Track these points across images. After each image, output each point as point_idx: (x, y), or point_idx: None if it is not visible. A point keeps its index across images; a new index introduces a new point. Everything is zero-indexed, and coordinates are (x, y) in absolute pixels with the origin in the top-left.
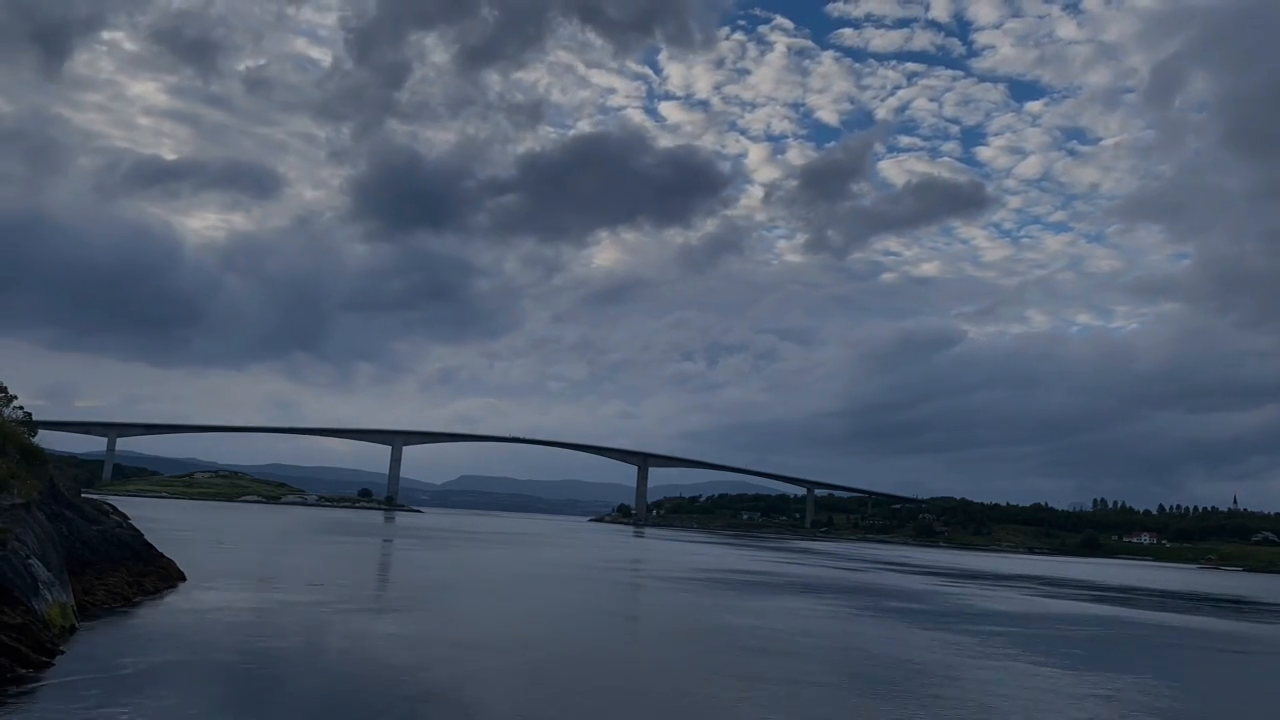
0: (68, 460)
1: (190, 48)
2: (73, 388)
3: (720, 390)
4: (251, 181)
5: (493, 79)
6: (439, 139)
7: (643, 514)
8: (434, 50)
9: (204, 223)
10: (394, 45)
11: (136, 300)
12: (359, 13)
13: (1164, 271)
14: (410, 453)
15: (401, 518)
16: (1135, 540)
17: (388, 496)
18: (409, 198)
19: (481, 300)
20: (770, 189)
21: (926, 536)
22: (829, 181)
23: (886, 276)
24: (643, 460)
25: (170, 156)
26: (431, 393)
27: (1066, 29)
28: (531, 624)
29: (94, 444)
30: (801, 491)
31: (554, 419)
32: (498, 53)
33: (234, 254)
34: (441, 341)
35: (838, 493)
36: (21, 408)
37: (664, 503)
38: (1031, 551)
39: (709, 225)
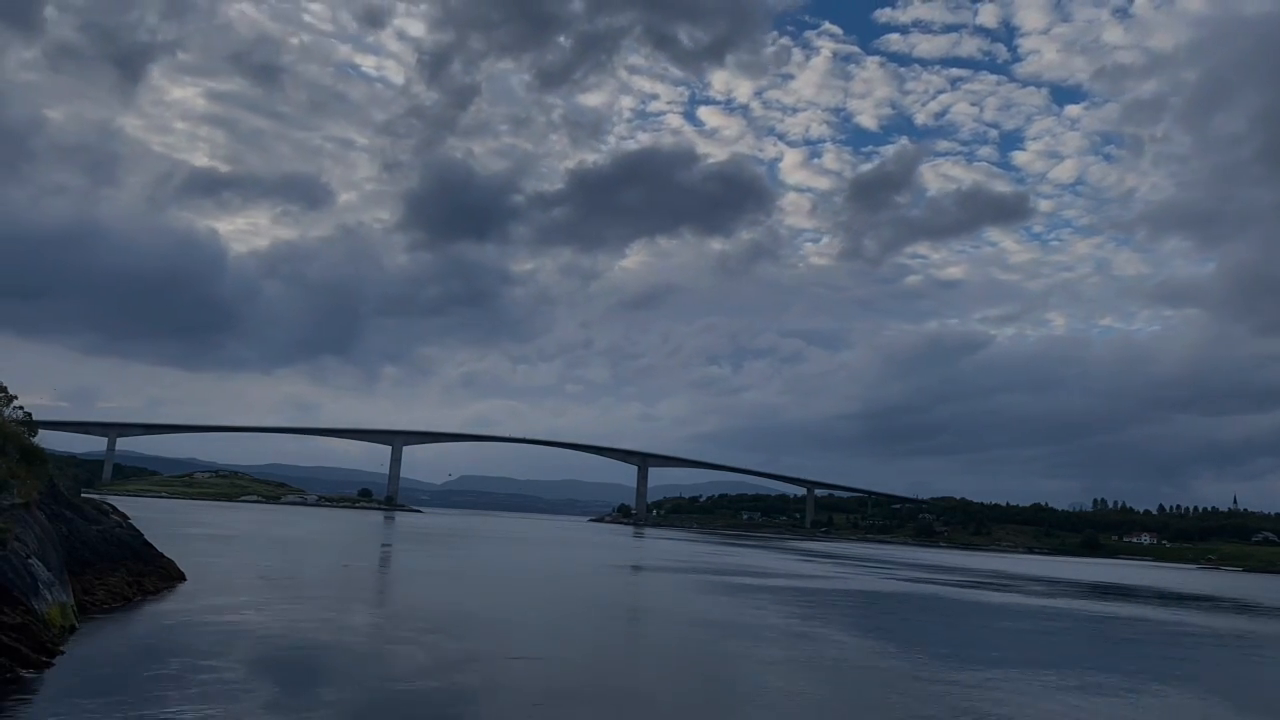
0: (68, 460)
1: (261, 69)
2: (97, 390)
3: (742, 393)
4: (301, 192)
5: (556, 101)
6: (494, 155)
7: (643, 514)
8: (505, 75)
9: (250, 232)
10: (467, 70)
11: (176, 307)
12: (436, 38)
13: (1188, 277)
14: (410, 453)
15: (401, 518)
16: (1135, 540)
17: (388, 496)
18: (458, 210)
19: (513, 307)
20: (818, 201)
21: (926, 537)
22: (876, 193)
23: (911, 279)
24: (643, 460)
25: (225, 169)
26: (452, 395)
27: (1114, 34)
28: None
29: (94, 444)
30: (801, 491)
31: (569, 421)
32: (566, 78)
33: (276, 262)
34: (469, 346)
35: (838, 493)
36: (21, 408)
37: (664, 503)
38: (1031, 551)
39: (749, 235)
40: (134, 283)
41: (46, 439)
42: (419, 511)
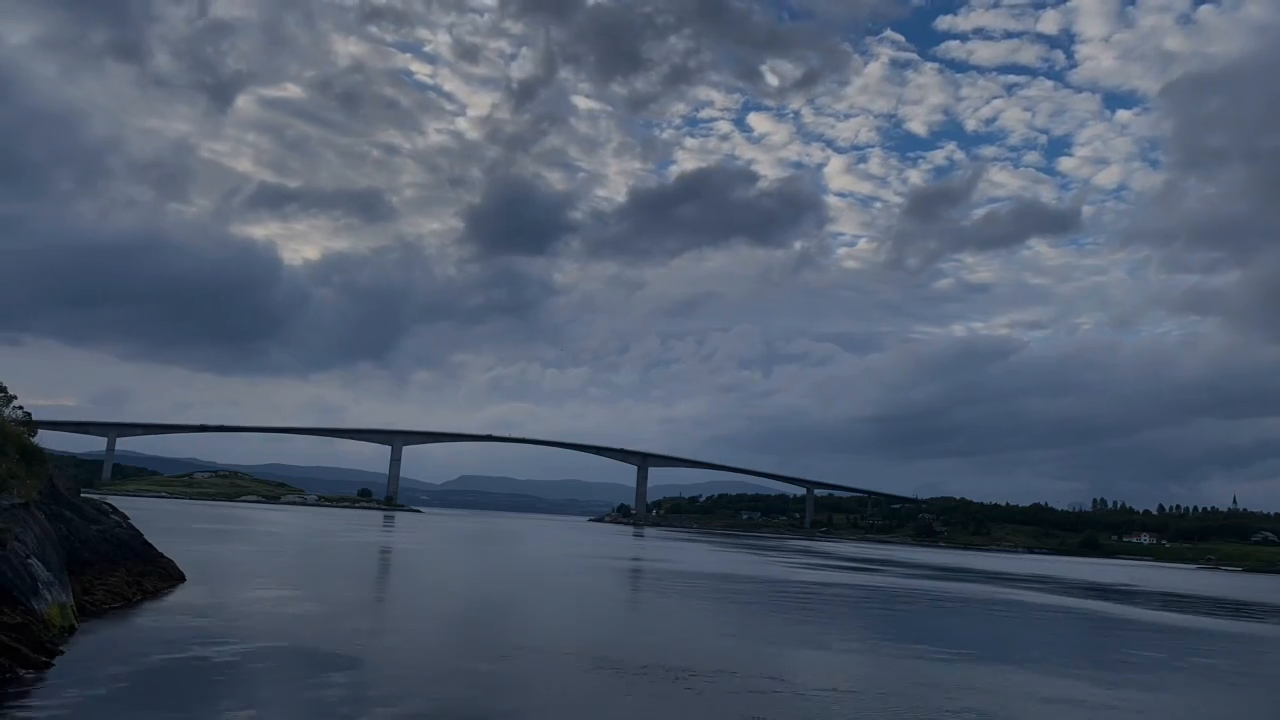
0: (67, 460)
1: (344, 95)
2: (126, 393)
3: (768, 397)
4: (362, 205)
5: (636, 126)
6: (561, 173)
7: (642, 514)
8: (593, 102)
9: (308, 243)
10: (551, 98)
11: (224, 315)
12: (527, 68)
13: (1215, 286)
14: (410, 452)
15: (401, 518)
16: (1135, 540)
17: (387, 496)
18: (516, 226)
19: (553, 315)
20: (862, 206)
21: (926, 536)
22: (931, 205)
23: (943, 283)
24: (643, 460)
25: (292, 184)
26: (477, 398)
27: (1174, 41)
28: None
29: (94, 444)
30: (801, 491)
31: (588, 423)
32: (644, 108)
33: (327, 271)
34: (502, 353)
35: (837, 493)
36: (21, 408)
37: (663, 503)
38: (1031, 551)
39: (800, 245)
40: (186, 292)
41: (46, 439)
42: (418, 511)
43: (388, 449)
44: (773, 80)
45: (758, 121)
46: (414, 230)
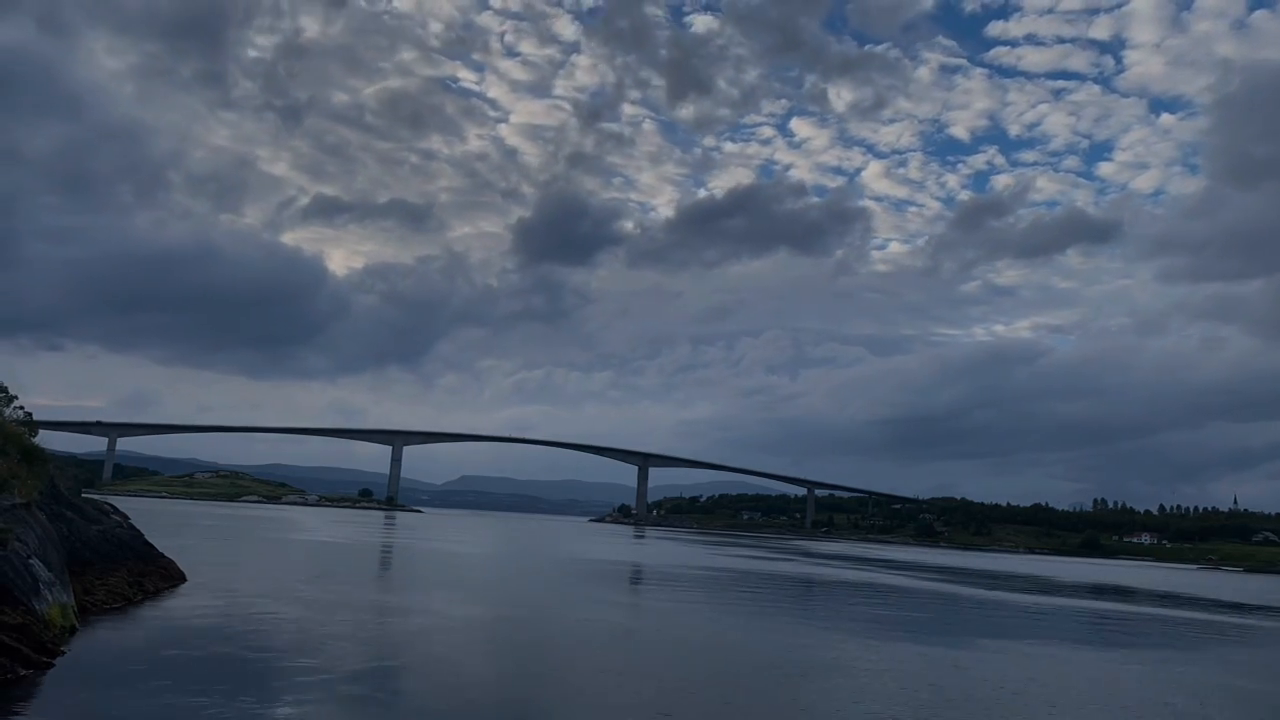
0: (68, 460)
1: (412, 116)
2: (152, 396)
3: (791, 401)
4: (412, 215)
5: (688, 141)
6: (615, 188)
7: (643, 514)
8: (653, 123)
9: (356, 252)
10: (619, 119)
11: (264, 321)
12: (595, 90)
13: (1237, 293)
14: (412, 453)
15: (402, 518)
16: (1136, 540)
17: (388, 496)
18: (564, 238)
19: (586, 322)
20: (899, 211)
21: (927, 536)
22: (978, 216)
23: (970, 286)
24: (643, 460)
25: (347, 197)
26: (497, 400)
27: (1226, 47)
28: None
29: (95, 444)
30: (802, 491)
31: (604, 424)
32: (709, 130)
33: (371, 280)
34: (531, 357)
35: (838, 493)
36: (22, 408)
37: (664, 503)
38: (1032, 552)
39: (840, 254)
40: (229, 299)
41: (47, 439)
42: (419, 511)
43: (389, 449)
44: (839, 105)
45: (800, 126)
46: (461, 240)
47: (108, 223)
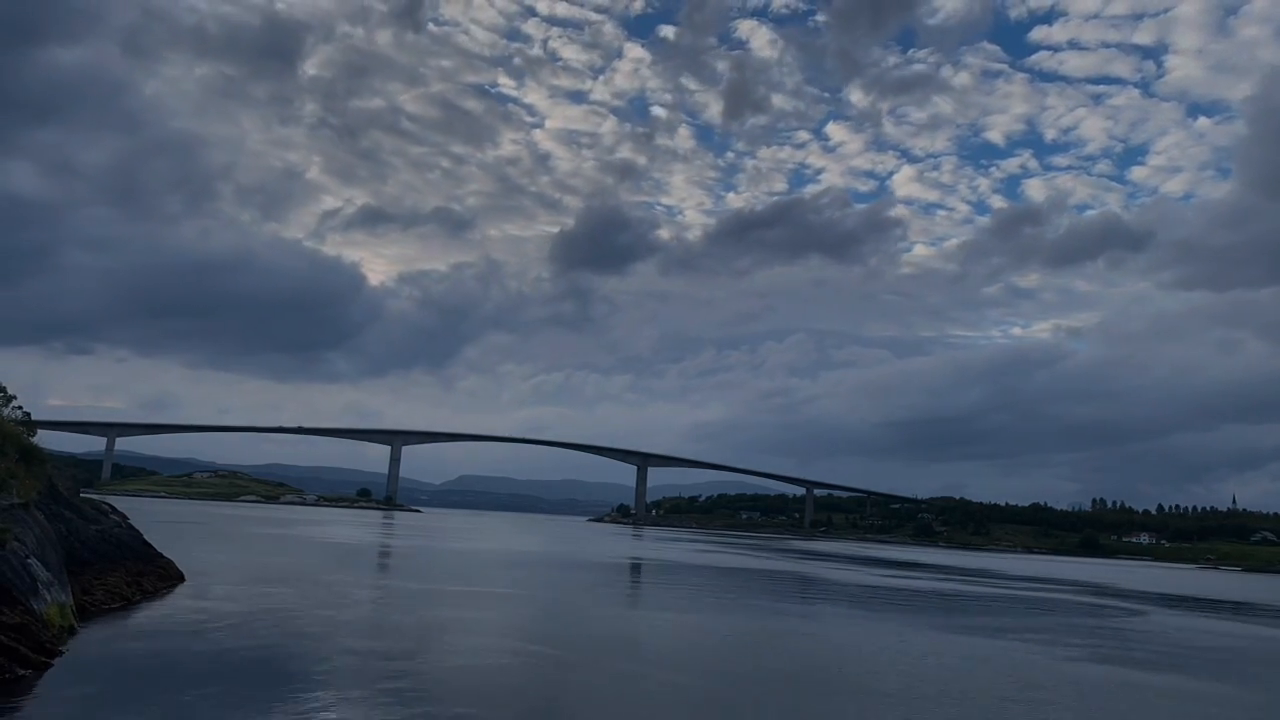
0: (67, 460)
1: (469, 133)
2: (170, 398)
3: (809, 403)
4: (452, 223)
5: (727, 149)
6: (654, 199)
7: (642, 514)
8: (696, 140)
9: (394, 260)
10: (669, 134)
11: (296, 327)
12: (654, 108)
13: (1256, 299)
14: (410, 452)
15: (401, 517)
16: (1134, 540)
17: (387, 496)
18: (600, 249)
19: (613, 328)
20: (937, 223)
21: (925, 536)
22: (1015, 228)
23: (993, 289)
24: (642, 460)
25: (391, 209)
26: (515, 402)
27: (1268, 52)
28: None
29: (93, 444)
30: (800, 491)
31: (616, 425)
32: (754, 138)
33: (406, 288)
34: (554, 360)
35: (836, 492)
36: (20, 407)
37: (663, 503)
38: (1030, 551)
39: (875, 261)
40: (263, 306)
41: (46, 439)
42: (418, 511)
43: (388, 449)
44: (892, 129)
45: (835, 131)
46: (499, 246)
47: (151, 232)
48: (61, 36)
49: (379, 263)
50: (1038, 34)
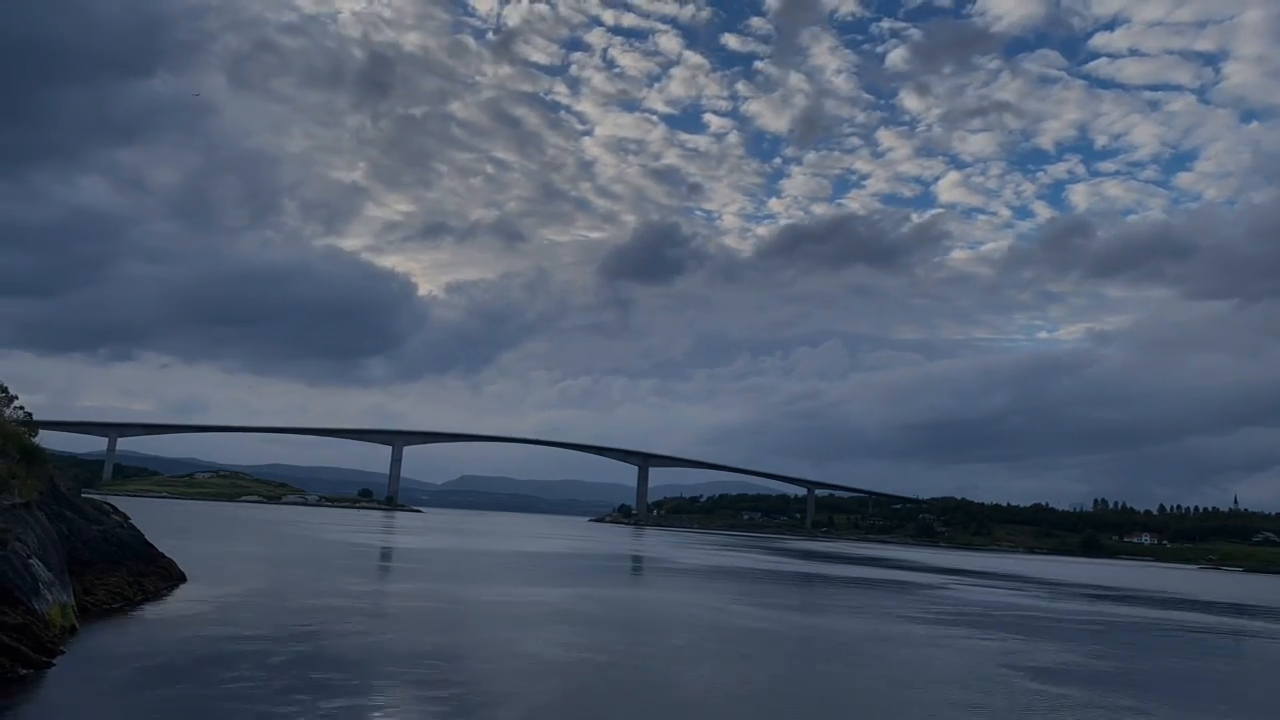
0: (68, 460)
1: (507, 134)
2: (201, 401)
3: (833, 406)
4: (505, 233)
5: (774, 155)
6: (708, 212)
7: (643, 515)
8: (742, 134)
9: (447, 270)
10: (731, 157)
11: (338, 334)
12: (720, 128)
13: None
14: (412, 452)
15: (402, 517)
16: (1136, 540)
17: (388, 496)
18: (651, 261)
19: (649, 335)
20: (977, 227)
21: (926, 536)
22: (1064, 239)
23: (1024, 295)
24: (643, 460)
25: (454, 222)
26: (538, 405)
27: None
28: None
29: (95, 444)
30: (802, 491)
31: (635, 427)
32: (811, 149)
33: (453, 297)
34: (584, 364)
35: (838, 493)
36: (22, 408)
37: (664, 503)
38: (1031, 552)
39: (921, 271)
40: (309, 315)
41: (48, 439)
42: (419, 511)
43: (389, 449)
44: (929, 116)
45: (885, 137)
46: (549, 258)
47: (210, 244)
48: (164, 67)
49: (428, 273)
50: (1099, 40)
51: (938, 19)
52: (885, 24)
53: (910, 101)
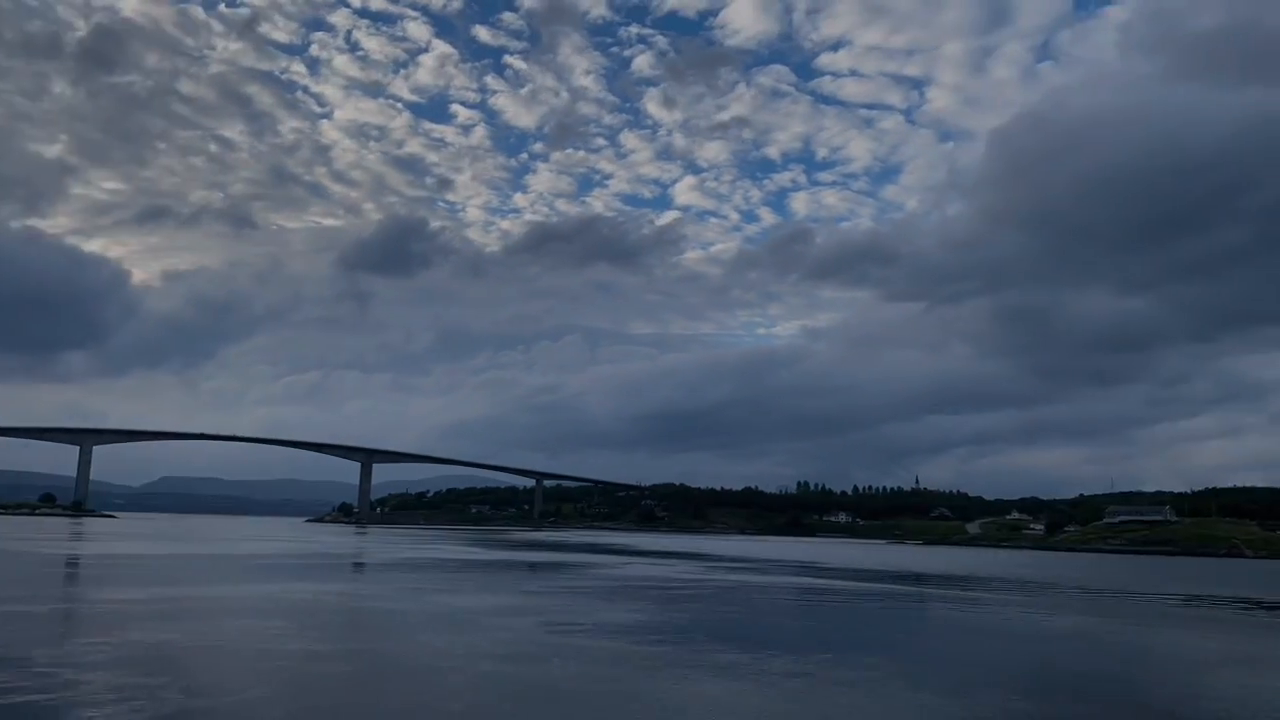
0: None
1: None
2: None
3: (570, 399)
4: (238, 223)
5: (521, 150)
6: (424, 187)
7: (366, 512)
8: (489, 126)
9: (163, 257)
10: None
11: (37, 326)
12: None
13: (961, 311)
14: (108, 453)
15: (91, 523)
16: (834, 519)
17: (75, 501)
18: (393, 252)
19: (384, 330)
20: (740, 255)
21: (648, 522)
22: (786, 244)
23: (746, 294)
24: (367, 456)
25: (165, 202)
26: (260, 401)
27: (1017, 91)
28: None
29: None
30: (531, 483)
31: (367, 425)
32: (557, 147)
33: (171, 286)
34: (311, 358)
35: (566, 483)
36: None
37: (389, 499)
38: (744, 533)
39: (657, 271)
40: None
41: None
42: (113, 517)
43: (75, 449)
44: (681, 141)
45: (629, 139)
46: (281, 246)
47: None
48: None
49: (144, 259)
50: (824, 59)
51: (682, 30)
52: (634, 29)
53: (653, 106)
